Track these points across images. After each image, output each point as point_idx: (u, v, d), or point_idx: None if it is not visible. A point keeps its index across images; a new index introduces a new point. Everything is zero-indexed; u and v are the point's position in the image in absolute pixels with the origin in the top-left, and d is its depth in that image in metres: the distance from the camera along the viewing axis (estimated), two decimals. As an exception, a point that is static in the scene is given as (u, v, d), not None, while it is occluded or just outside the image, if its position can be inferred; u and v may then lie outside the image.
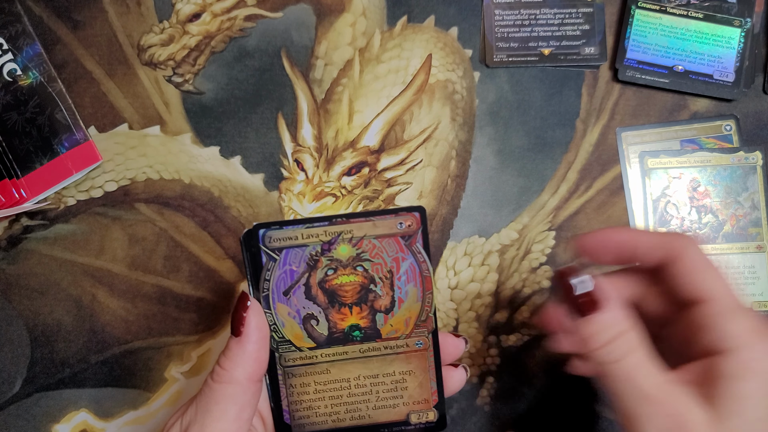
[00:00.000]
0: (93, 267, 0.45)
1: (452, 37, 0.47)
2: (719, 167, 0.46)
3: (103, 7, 0.47)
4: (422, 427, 0.32)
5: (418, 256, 0.30)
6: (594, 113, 0.47)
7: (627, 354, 0.27)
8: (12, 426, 0.44)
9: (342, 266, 0.30)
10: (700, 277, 0.28)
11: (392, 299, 0.31)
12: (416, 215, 0.30)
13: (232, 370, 0.29)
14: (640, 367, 0.27)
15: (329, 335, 0.31)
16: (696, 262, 0.29)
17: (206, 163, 0.46)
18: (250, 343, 0.29)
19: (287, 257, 0.30)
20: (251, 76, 0.47)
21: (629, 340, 0.27)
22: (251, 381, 0.29)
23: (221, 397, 0.29)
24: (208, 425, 0.28)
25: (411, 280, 0.31)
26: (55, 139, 0.44)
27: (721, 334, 0.27)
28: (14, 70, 0.44)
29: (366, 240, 0.30)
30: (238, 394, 0.29)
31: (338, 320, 0.31)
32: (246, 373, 0.29)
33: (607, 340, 0.27)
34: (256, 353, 0.29)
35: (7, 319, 0.44)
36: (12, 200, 0.43)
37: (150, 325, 0.45)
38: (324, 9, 0.47)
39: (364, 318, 0.31)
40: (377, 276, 0.30)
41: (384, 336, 0.31)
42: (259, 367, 0.29)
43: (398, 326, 0.31)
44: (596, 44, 0.47)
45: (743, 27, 0.46)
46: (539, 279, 0.45)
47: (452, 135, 0.46)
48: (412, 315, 0.31)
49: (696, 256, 0.29)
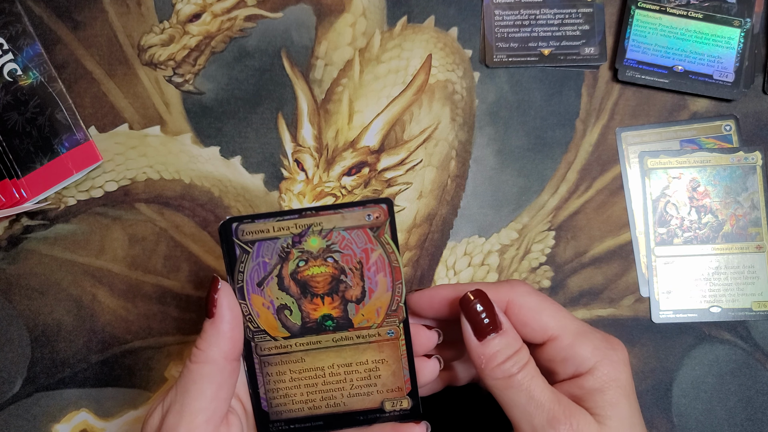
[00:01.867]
0: (93, 267, 0.45)
1: (452, 38, 0.47)
2: (719, 167, 0.46)
3: (104, 8, 0.47)
4: (397, 414, 0.33)
5: (387, 247, 0.31)
6: (594, 113, 0.47)
7: (523, 368, 0.31)
8: (12, 426, 0.44)
9: (313, 258, 0.31)
10: (538, 320, 0.32)
11: (363, 289, 0.32)
12: (384, 207, 0.31)
13: (208, 350, 0.30)
14: (535, 379, 0.31)
15: (302, 325, 0.32)
16: (529, 309, 0.32)
17: (206, 163, 0.46)
18: (223, 323, 0.30)
19: (260, 249, 0.31)
20: (251, 77, 0.47)
21: (524, 356, 0.31)
22: (227, 360, 0.30)
23: (198, 377, 0.29)
24: (186, 404, 0.29)
25: (380, 270, 0.31)
26: (56, 139, 0.44)
27: (578, 360, 0.31)
28: (15, 70, 0.45)
29: (335, 232, 0.31)
30: (215, 373, 0.30)
31: (311, 310, 0.32)
32: (222, 353, 0.30)
33: (508, 356, 0.31)
34: (230, 332, 0.30)
35: (8, 319, 0.45)
36: (12, 200, 0.43)
37: (150, 325, 0.45)
38: (324, 9, 0.47)
39: (336, 308, 0.32)
40: (347, 267, 0.31)
41: (356, 325, 0.32)
42: (234, 346, 0.30)
43: (369, 316, 0.32)
44: (596, 44, 0.47)
45: (743, 27, 0.46)
46: (539, 279, 0.45)
47: (452, 135, 0.46)
48: (382, 305, 0.32)
49: (526, 302, 0.32)
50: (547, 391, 0.30)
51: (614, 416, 0.30)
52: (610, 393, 0.31)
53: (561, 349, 0.32)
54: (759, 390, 0.44)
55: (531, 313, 0.32)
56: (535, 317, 0.32)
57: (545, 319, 0.32)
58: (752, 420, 0.44)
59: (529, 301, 0.32)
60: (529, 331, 0.32)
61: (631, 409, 0.31)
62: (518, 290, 0.32)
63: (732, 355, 0.45)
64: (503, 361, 0.30)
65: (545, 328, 0.32)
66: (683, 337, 0.45)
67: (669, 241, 0.46)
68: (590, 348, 0.31)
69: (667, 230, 0.46)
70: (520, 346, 0.31)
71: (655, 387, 0.45)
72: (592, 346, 0.31)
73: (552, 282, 0.45)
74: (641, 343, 0.45)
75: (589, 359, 0.31)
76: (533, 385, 0.30)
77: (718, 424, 0.44)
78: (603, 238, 0.46)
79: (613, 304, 0.45)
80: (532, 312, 0.32)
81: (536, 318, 0.32)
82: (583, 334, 0.32)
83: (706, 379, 0.45)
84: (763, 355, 0.45)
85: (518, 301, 0.32)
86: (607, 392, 0.31)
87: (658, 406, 0.44)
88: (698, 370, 0.45)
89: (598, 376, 0.31)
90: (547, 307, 0.32)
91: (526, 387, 0.30)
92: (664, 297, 0.45)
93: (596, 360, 0.31)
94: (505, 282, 0.33)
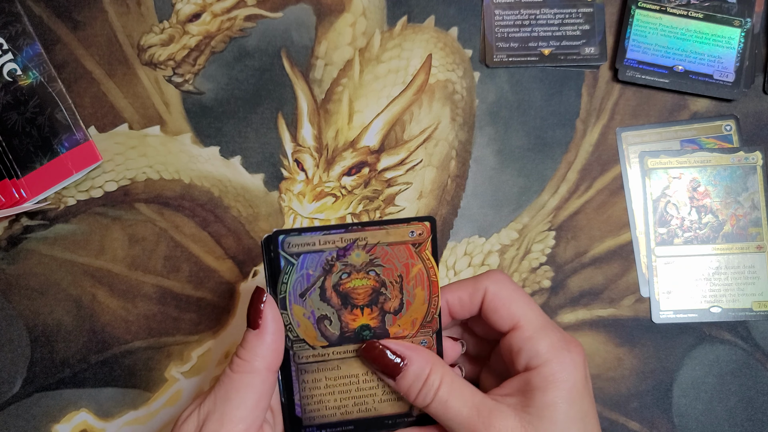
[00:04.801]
0: (93, 267, 0.45)
1: (452, 37, 0.47)
2: (719, 167, 0.46)
3: (103, 7, 0.47)
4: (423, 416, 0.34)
5: (427, 263, 0.32)
6: (594, 113, 0.47)
7: (437, 391, 0.31)
8: (12, 426, 0.44)
9: (356, 270, 0.32)
10: (507, 308, 0.32)
11: (401, 301, 0.33)
12: (427, 225, 0.32)
13: (252, 361, 0.30)
14: (451, 396, 0.31)
15: (341, 334, 0.33)
16: (501, 296, 0.33)
17: (206, 163, 0.46)
18: (268, 335, 0.31)
19: (304, 262, 0.32)
20: (251, 76, 0.47)
21: (434, 378, 0.31)
22: (269, 371, 0.31)
23: (241, 386, 0.30)
24: (228, 413, 0.30)
25: (419, 284, 0.33)
26: (55, 139, 0.44)
27: (531, 353, 0.31)
28: (14, 70, 0.44)
29: (379, 247, 0.32)
30: (257, 383, 0.30)
31: (350, 321, 0.33)
32: (265, 363, 0.30)
33: (419, 388, 0.31)
34: (274, 344, 0.31)
35: (7, 319, 0.44)
36: (12, 200, 0.43)
37: (150, 325, 0.45)
38: (324, 9, 0.47)
39: (374, 318, 0.33)
40: (388, 280, 0.32)
41: (392, 335, 0.33)
42: (277, 357, 0.31)
43: (405, 326, 0.33)
44: (596, 44, 0.47)
45: (743, 27, 0.46)
46: (539, 279, 0.45)
47: (452, 135, 0.46)
48: (418, 316, 0.33)
49: (499, 288, 0.33)
50: (465, 407, 0.31)
51: (547, 418, 0.30)
52: (550, 393, 0.30)
53: (521, 339, 0.32)
54: (759, 390, 0.44)
55: (502, 301, 0.33)
56: (505, 305, 0.32)
57: (514, 308, 0.32)
58: (752, 420, 0.44)
59: (502, 289, 0.33)
60: (498, 318, 0.33)
61: (571, 413, 0.30)
62: (494, 278, 0.33)
63: (732, 355, 0.45)
64: (418, 392, 0.31)
65: (512, 316, 0.32)
66: (683, 337, 0.45)
67: (669, 241, 0.46)
68: (546, 344, 0.31)
69: (668, 230, 0.46)
70: (428, 370, 0.32)
71: (656, 387, 0.45)
72: (549, 342, 0.31)
73: (552, 282, 0.45)
74: (641, 343, 0.45)
75: (542, 355, 0.31)
76: (449, 404, 0.31)
77: (718, 425, 0.44)
78: (603, 238, 0.46)
79: (614, 304, 0.45)
80: (503, 300, 0.33)
81: (506, 306, 0.32)
82: (544, 330, 0.32)
83: (706, 380, 0.44)
84: (764, 355, 0.45)
85: (492, 289, 0.33)
86: (547, 392, 0.30)
87: (658, 406, 0.44)
88: (698, 371, 0.45)
89: (543, 373, 0.31)
90: (518, 298, 0.33)
91: (443, 410, 0.31)
92: (664, 297, 0.45)
93: (547, 357, 0.31)
94: (486, 273, 0.34)
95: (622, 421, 0.44)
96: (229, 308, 0.45)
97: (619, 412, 0.44)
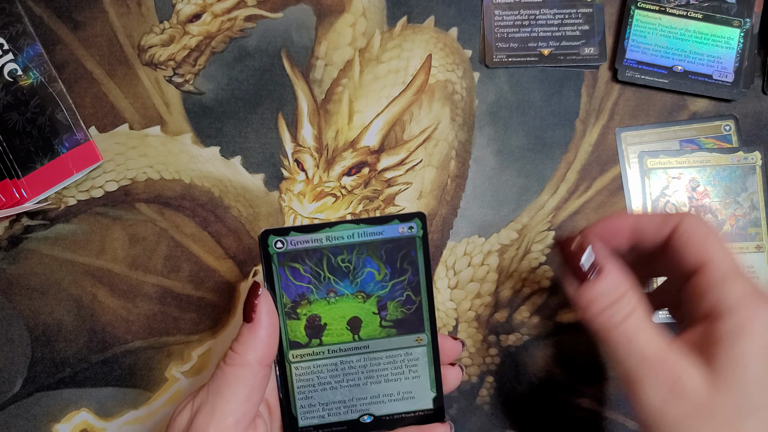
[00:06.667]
0: (93, 267, 0.45)
1: (452, 38, 0.47)
2: (718, 167, 0.46)
3: (104, 8, 0.47)
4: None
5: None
6: (593, 113, 0.47)
7: (627, 318, 0.28)
8: (12, 426, 0.44)
9: None
10: (699, 244, 0.29)
11: None
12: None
13: (245, 354, 0.30)
14: (640, 330, 0.27)
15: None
16: (694, 232, 0.29)
17: (207, 163, 0.46)
18: (261, 329, 0.31)
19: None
20: (251, 77, 0.47)
21: (628, 302, 0.28)
22: (262, 365, 0.31)
23: (233, 379, 0.30)
24: (218, 405, 0.30)
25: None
26: (56, 139, 0.44)
27: (720, 297, 0.27)
28: (15, 70, 0.45)
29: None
30: (249, 377, 0.30)
31: None
32: (257, 357, 0.30)
33: (607, 304, 0.28)
34: (267, 338, 0.31)
35: (8, 319, 0.45)
36: (12, 200, 0.43)
37: (150, 325, 0.45)
38: (324, 9, 0.47)
39: None
40: None
41: None
42: (270, 351, 0.31)
43: None
44: (596, 44, 0.47)
45: (742, 27, 0.46)
46: (539, 279, 0.46)
47: (452, 135, 0.46)
48: None
49: (694, 225, 0.29)
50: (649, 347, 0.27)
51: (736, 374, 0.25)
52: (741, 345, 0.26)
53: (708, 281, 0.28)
54: (758, 390, 0.44)
55: (696, 235, 0.29)
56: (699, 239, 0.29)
57: (707, 245, 0.29)
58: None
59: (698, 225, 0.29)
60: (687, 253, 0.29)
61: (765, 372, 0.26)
62: (690, 215, 0.30)
63: (731, 354, 0.45)
64: (604, 308, 0.28)
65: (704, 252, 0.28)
66: (683, 337, 0.45)
67: (669, 241, 0.46)
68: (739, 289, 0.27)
69: (667, 230, 0.46)
70: (623, 291, 0.28)
71: (655, 387, 0.45)
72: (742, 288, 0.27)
73: (552, 282, 0.45)
74: (641, 342, 0.45)
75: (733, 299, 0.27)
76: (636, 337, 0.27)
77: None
78: (603, 238, 0.46)
79: (613, 304, 0.45)
80: (697, 234, 0.29)
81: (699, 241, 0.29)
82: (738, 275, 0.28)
83: (705, 379, 0.45)
84: (763, 354, 0.45)
85: (687, 221, 0.30)
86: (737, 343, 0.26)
87: (657, 405, 0.44)
88: (698, 370, 0.45)
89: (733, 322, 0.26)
90: (714, 236, 0.29)
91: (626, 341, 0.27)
92: (663, 297, 0.45)
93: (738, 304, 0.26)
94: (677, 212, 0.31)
95: (622, 420, 0.44)
96: (230, 308, 0.45)
97: (619, 412, 0.44)
